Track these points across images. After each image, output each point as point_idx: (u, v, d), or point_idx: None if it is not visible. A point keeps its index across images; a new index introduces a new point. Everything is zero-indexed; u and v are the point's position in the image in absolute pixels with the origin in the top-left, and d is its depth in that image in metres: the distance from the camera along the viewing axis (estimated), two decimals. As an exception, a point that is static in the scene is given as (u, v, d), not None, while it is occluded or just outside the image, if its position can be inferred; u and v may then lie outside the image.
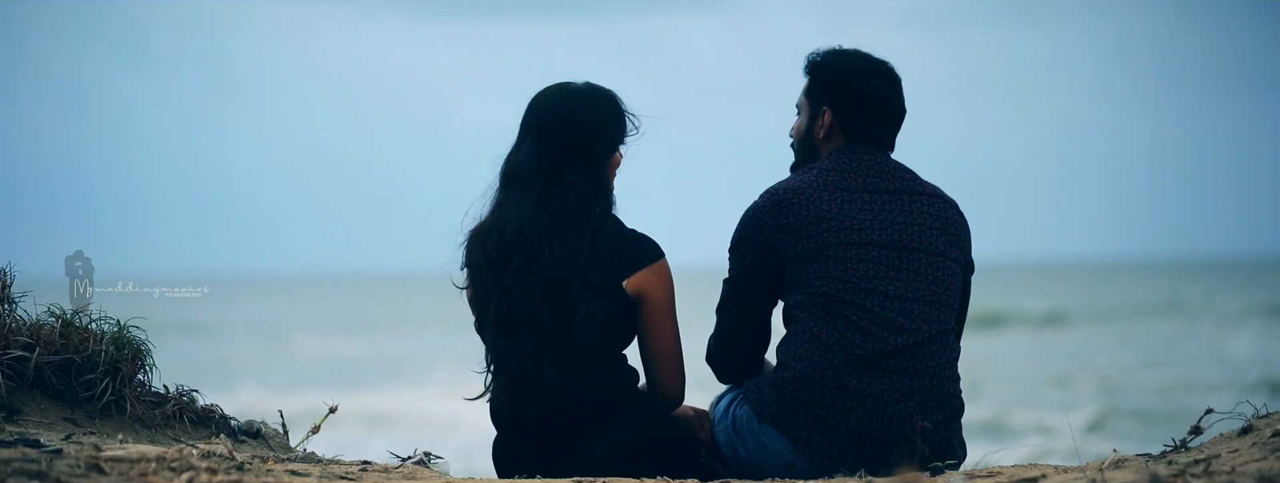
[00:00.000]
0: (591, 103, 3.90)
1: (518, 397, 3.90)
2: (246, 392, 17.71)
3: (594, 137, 3.88)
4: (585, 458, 3.88)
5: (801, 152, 4.08)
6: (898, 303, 3.86)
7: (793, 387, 3.86)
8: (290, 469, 3.62)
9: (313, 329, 32.18)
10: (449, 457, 4.27)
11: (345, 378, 20.13)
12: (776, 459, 3.92)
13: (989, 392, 17.65)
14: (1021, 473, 3.57)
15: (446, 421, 14.67)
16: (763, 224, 3.91)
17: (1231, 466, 3.22)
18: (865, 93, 3.99)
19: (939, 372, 3.89)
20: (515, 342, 3.86)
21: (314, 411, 4.39)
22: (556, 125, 3.88)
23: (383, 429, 14.42)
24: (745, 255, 3.93)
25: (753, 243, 3.92)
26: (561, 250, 3.82)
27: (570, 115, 3.88)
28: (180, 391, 4.18)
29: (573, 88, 3.92)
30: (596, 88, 3.94)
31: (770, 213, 3.91)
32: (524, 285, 3.83)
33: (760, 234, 3.91)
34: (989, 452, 3.86)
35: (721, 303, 3.98)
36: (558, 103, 3.90)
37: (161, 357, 4.21)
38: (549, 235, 3.83)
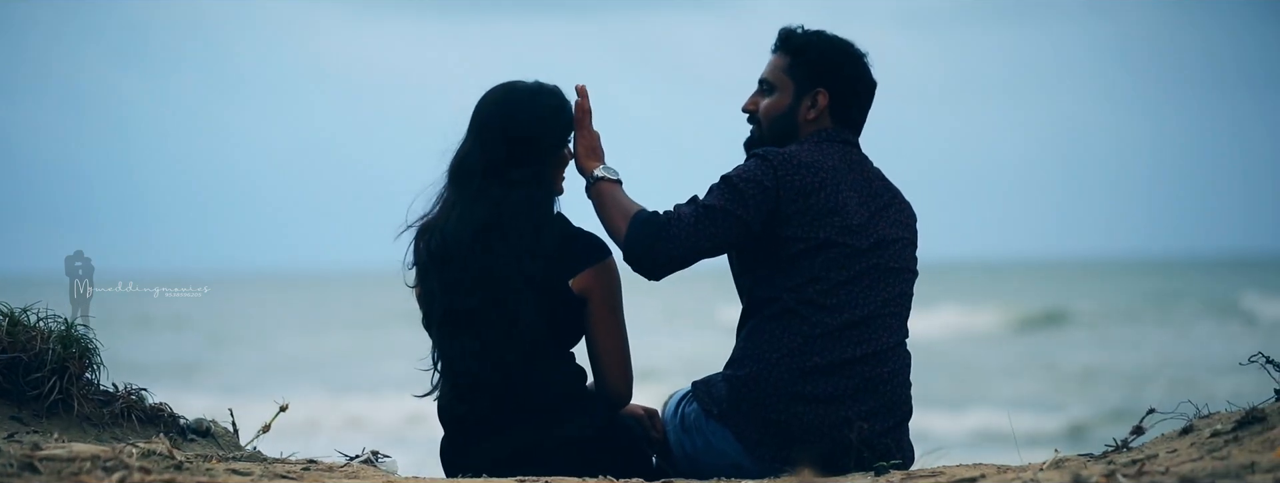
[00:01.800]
0: (534, 101, 3.90)
1: (463, 396, 3.91)
2: (234, 391, 17.71)
3: (536, 135, 3.87)
4: (531, 457, 3.88)
5: (776, 130, 3.96)
6: (868, 320, 3.84)
7: (746, 387, 3.84)
8: (232, 468, 3.61)
9: (312, 328, 32.19)
10: (428, 457, 4.26)
11: (341, 377, 20.15)
12: (723, 459, 3.91)
13: (976, 392, 17.65)
14: (962, 473, 3.57)
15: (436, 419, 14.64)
16: (786, 180, 3.76)
17: (1166, 466, 3.22)
18: (864, 80, 3.98)
19: (892, 378, 3.89)
20: (459, 341, 3.86)
21: (305, 411, 4.37)
22: (499, 123, 3.88)
23: (368, 428, 14.43)
24: (749, 195, 3.75)
25: (763, 193, 3.75)
26: (501, 249, 3.82)
27: (513, 113, 3.88)
28: (128, 389, 4.18)
29: (518, 86, 3.92)
30: (543, 86, 3.93)
31: (797, 177, 3.77)
32: (466, 284, 3.84)
33: (777, 186, 3.76)
34: (927, 452, 3.86)
35: (702, 213, 3.73)
36: (501, 101, 3.90)
37: (158, 356, 4.21)
38: (488, 234, 3.83)
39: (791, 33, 3.98)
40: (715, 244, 3.77)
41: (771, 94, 3.98)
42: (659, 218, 3.76)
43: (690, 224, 3.73)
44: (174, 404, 4.34)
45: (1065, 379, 19.38)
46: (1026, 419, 15.21)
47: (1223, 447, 3.36)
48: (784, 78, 3.97)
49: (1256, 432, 3.37)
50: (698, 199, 3.79)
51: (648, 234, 3.73)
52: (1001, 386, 18.95)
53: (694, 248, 3.75)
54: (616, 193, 3.86)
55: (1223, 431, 3.46)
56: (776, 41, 3.99)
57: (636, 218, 3.77)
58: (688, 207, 3.78)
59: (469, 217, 3.85)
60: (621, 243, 3.78)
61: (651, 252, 3.73)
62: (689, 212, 3.76)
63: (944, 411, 15.65)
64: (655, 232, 3.73)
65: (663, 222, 3.75)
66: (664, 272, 3.77)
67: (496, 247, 3.82)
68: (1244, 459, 3.11)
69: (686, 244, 3.74)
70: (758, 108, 4.00)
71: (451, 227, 3.86)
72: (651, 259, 3.74)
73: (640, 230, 3.74)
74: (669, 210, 3.79)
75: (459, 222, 3.85)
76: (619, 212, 3.82)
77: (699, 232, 3.73)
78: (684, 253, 3.75)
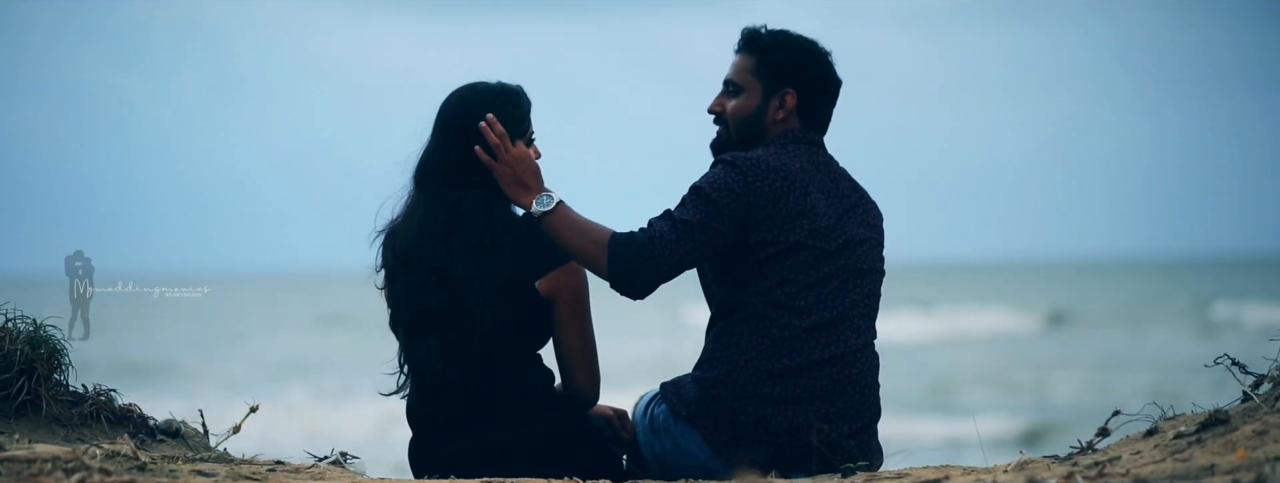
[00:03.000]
0: (493, 102, 3.89)
1: (429, 397, 3.91)
2: (225, 391, 17.70)
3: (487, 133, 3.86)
4: (498, 458, 3.88)
5: (743, 132, 3.94)
6: (836, 322, 3.84)
7: (714, 388, 3.84)
8: (197, 469, 3.61)
9: (310, 328, 32.20)
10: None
11: (336, 377, 20.15)
12: (692, 460, 3.91)
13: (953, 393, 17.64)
14: (927, 475, 3.57)
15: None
16: (756, 186, 3.75)
17: (1126, 468, 3.22)
18: (831, 79, 3.97)
19: (861, 379, 3.88)
20: (424, 342, 3.87)
21: (292, 410, 4.37)
22: (456, 124, 3.88)
23: (359, 428, 14.43)
24: (722, 205, 3.73)
25: (734, 201, 3.74)
26: (461, 251, 3.82)
27: (471, 114, 3.88)
28: (98, 390, 4.18)
29: (478, 87, 3.92)
30: (505, 86, 3.93)
31: (766, 182, 3.76)
32: (429, 286, 3.84)
33: (748, 193, 3.75)
34: (894, 453, 3.86)
35: (681, 229, 3.72)
36: (460, 103, 3.90)
37: (152, 355, 4.20)
38: (449, 236, 3.83)
39: (756, 33, 3.97)
40: (696, 258, 3.76)
41: (738, 95, 3.96)
42: (637, 238, 3.73)
43: (672, 242, 3.72)
44: (165, 404, 4.33)
45: (1048, 381, 19.37)
46: (1021, 420, 15.21)
47: (1186, 449, 3.36)
48: (751, 79, 3.95)
49: (1219, 434, 3.37)
50: (671, 214, 3.77)
51: (630, 257, 3.71)
52: (994, 388, 18.95)
53: (677, 265, 3.74)
54: (569, 219, 3.78)
55: (1186, 432, 3.46)
56: (740, 42, 3.98)
57: (614, 242, 3.73)
58: (664, 223, 3.75)
59: (430, 219, 3.85)
60: (604, 269, 3.73)
61: (637, 274, 3.71)
62: (667, 229, 3.73)
63: (939, 414, 15.65)
64: (637, 253, 3.71)
65: (643, 242, 3.72)
66: (649, 291, 3.78)
67: (456, 249, 3.82)
68: (1205, 461, 3.11)
69: (671, 262, 3.72)
70: (724, 109, 3.99)
71: (414, 229, 3.86)
72: (638, 281, 3.73)
73: (621, 254, 3.71)
74: (645, 228, 3.76)
75: (421, 224, 3.86)
76: (584, 238, 3.76)
77: (681, 248, 3.72)
78: (669, 271, 3.74)
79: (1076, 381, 19.28)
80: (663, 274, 3.73)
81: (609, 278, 3.74)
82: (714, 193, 3.75)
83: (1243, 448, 3.18)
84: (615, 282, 3.74)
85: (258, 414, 4.36)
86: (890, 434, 4.06)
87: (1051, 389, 18.41)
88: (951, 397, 17.86)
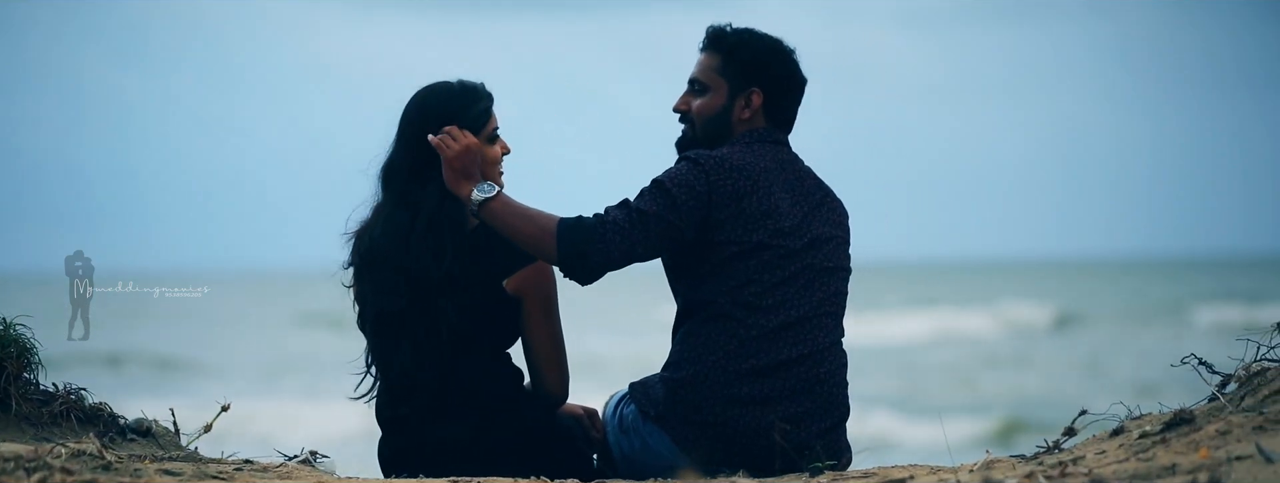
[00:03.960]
0: (449, 100, 3.88)
1: (398, 397, 3.91)
2: (222, 390, 17.68)
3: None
4: (468, 458, 3.87)
5: (709, 130, 3.93)
6: (803, 321, 3.84)
7: (683, 388, 3.84)
8: (164, 468, 3.61)
9: (307, 328, 32.19)
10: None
11: (328, 377, 20.15)
12: (660, 460, 3.90)
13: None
14: (894, 474, 3.57)
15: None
16: (719, 185, 3.75)
17: (1089, 468, 3.22)
18: (796, 78, 3.97)
19: (829, 378, 3.88)
20: (391, 343, 3.87)
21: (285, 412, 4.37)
22: (417, 124, 3.88)
23: (345, 427, 14.42)
24: (681, 201, 3.73)
25: (694, 199, 3.74)
26: (421, 251, 3.82)
27: (427, 113, 3.88)
28: (68, 389, 4.18)
29: (436, 87, 3.92)
30: (465, 84, 3.92)
31: (729, 181, 3.76)
32: (392, 287, 3.84)
33: (709, 191, 3.75)
34: (862, 450, 3.86)
35: (635, 218, 3.71)
36: (418, 103, 3.91)
37: (147, 354, 4.19)
38: (410, 236, 3.83)
39: (721, 32, 3.96)
40: (648, 250, 3.75)
41: (704, 94, 3.96)
42: (587, 222, 3.73)
43: (623, 229, 3.71)
44: (164, 403, 4.32)
45: (1039, 380, 19.37)
46: (1006, 418, 15.21)
47: (1150, 448, 3.35)
48: (716, 78, 3.94)
49: (1184, 433, 3.37)
50: (629, 203, 3.76)
51: (579, 240, 3.70)
52: (982, 387, 18.94)
53: (627, 253, 3.73)
54: (511, 206, 3.77)
55: (1151, 432, 3.45)
56: (705, 41, 3.97)
57: (562, 224, 3.72)
58: (619, 210, 3.75)
59: (394, 219, 3.86)
60: (552, 253, 3.72)
61: (584, 257, 3.70)
62: (622, 217, 3.73)
63: (926, 415, 15.64)
64: (586, 236, 3.70)
65: (592, 226, 3.72)
66: (597, 276, 3.76)
67: (420, 249, 3.82)
68: (1167, 461, 3.11)
69: (622, 249, 3.71)
70: (690, 108, 3.98)
71: (377, 230, 3.87)
72: (585, 265, 3.71)
73: (570, 236, 3.70)
74: (598, 214, 3.76)
75: (385, 224, 3.87)
76: (528, 223, 3.74)
77: (632, 237, 3.71)
78: (619, 257, 3.72)
79: (1065, 379, 19.27)
80: (612, 259, 3.71)
81: (557, 262, 3.73)
82: (674, 188, 3.75)
83: (1205, 448, 3.18)
84: (564, 266, 3.73)
85: (255, 413, 4.35)
86: (883, 433, 4.06)
87: (1041, 388, 18.41)
88: (940, 396, 17.86)
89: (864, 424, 14.23)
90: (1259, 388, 3.54)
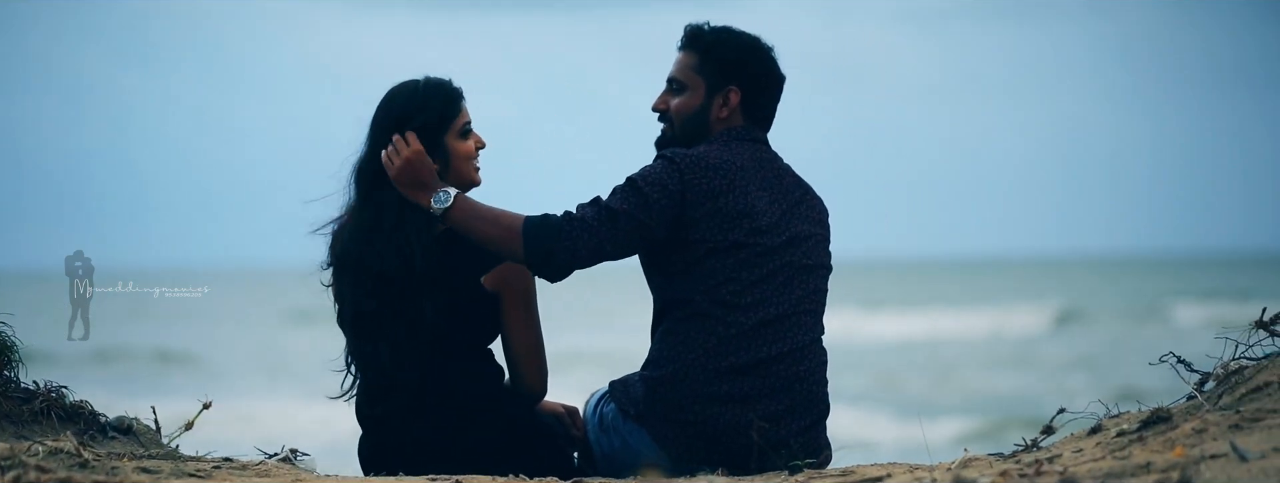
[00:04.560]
0: (413, 97, 3.88)
1: (377, 396, 3.91)
2: (223, 389, 17.69)
3: (416, 130, 3.85)
4: (448, 456, 3.87)
5: (688, 129, 3.93)
6: (782, 319, 3.83)
7: (662, 387, 3.83)
8: (141, 466, 3.61)
9: (308, 325, 32.18)
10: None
11: (319, 376, 20.09)
12: (639, 459, 3.90)
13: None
14: (871, 473, 3.57)
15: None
16: (693, 183, 3.74)
17: (1064, 466, 3.21)
18: (774, 76, 3.96)
19: (809, 376, 3.88)
20: (369, 342, 3.87)
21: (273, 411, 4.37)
22: (385, 124, 3.88)
23: (334, 427, 14.42)
24: (653, 199, 3.72)
25: (668, 198, 3.73)
26: (392, 250, 3.82)
27: (391, 112, 3.88)
28: (49, 387, 4.17)
29: (403, 85, 3.92)
30: (430, 81, 3.92)
31: (704, 179, 3.75)
32: (365, 287, 3.84)
33: (683, 190, 3.74)
34: (841, 448, 3.86)
35: (605, 216, 3.71)
36: (385, 101, 3.91)
37: (139, 353, 4.18)
38: (378, 235, 3.83)
39: (699, 30, 3.96)
40: (617, 248, 3.74)
41: (682, 93, 3.96)
42: (554, 220, 3.72)
43: (592, 227, 3.71)
44: (164, 402, 4.31)
45: (1026, 378, 19.37)
46: (994, 417, 15.20)
47: (1126, 447, 3.36)
48: (694, 76, 3.94)
49: (1161, 432, 3.37)
50: (600, 200, 3.76)
51: (547, 237, 3.70)
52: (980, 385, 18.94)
53: (595, 251, 3.72)
54: (473, 210, 3.77)
55: (1128, 430, 3.45)
56: (683, 39, 3.97)
57: (528, 224, 3.72)
58: (590, 208, 3.74)
59: (363, 219, 3.86)
60: (520, 252, 3.71)
61: (552, 255, 3.70)
62: (591, 214, 3.72)
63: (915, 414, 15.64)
64: (554, 234, 3.70)
65: (560, 223, 3.71)
66: (565, 274, 3.76)
67: (389, 248, 3.82)
68: (1142, 459, 3.11)
69: (590, 246, 3.71)
70: (668, 107, 3.98)
71: (349, 231, 3.87)
72: (553, 262, 3.71)
73: (536, 234, 3.70)
74: (569, 212, 3.75)
75: (355, 225, 3.87)
76: (495, 226, 3.74)
77: (600, 235, 3.71)
78: (587, 255, 3.72)
79: (1060, 378, 19.27)
80: (579, 258, 3.71)
81: (525, 261, 3.72)
82: (646, 186, 3.74)
83: (1181, 446, 3.18)
84: (531, 264, 3.73)
85: (254, 412, 4.35)
86: (872, 431, 4.06)
87: (1036, 387, 18.40)
88: (934, 394, 17.86)
89: (853, 422, 14.25)
90: (1236, 386, 3.54)
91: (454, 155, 3.89)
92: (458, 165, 3.89)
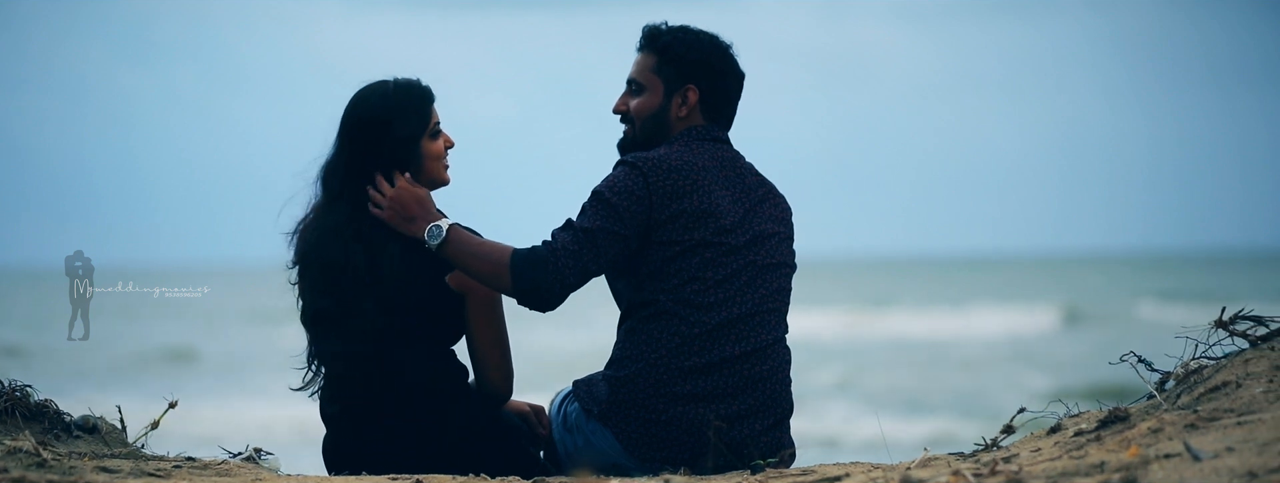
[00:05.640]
0: (384, 99, 3.87)
1: (338, 395, 3.90)
2: (222, 388, 17.70)
3: (385, 132, 3.85)
4: (410, 455, 3.87)
5: (648, 130, 3.93)
6: (746, 318, 3.83)
7: (626, 387, 3.83)
8: (102, 466, 3.61)
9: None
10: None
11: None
12: (603, 458, 3.90)
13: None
14: (831, 472, 3.57)
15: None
16: (657, 186, 3.75)
17: (1020, 466, 3.21)
18: (733, 74, 3.96)
19: (772, 375, 3.88)
20: (330, 341, 3.86)
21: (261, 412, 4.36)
22: (352, 124, 3.87)
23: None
24: (623, 208, 3.73)
25: (636, 204, 3.74)
26: (356, 250, 3.81)
27: (361, 113, 3.87)
28: (13, 386, 4.16)
29: (373, 87, 3.90)
30: (400, 82, 3.91)
31: (667, 181, 3.75)
32: (326, 285, 3.84)
33: (649, 194, 3.75)
34: (803, 446, 3.86)
35: (582, 237, 3.71)
36: (355, 102, 3.89)
37: (135, 351, 4.18)
38: (343, 236, 3.83)
39: (656, 30, 3.96)
40: (601, 265, 3.75)
41: (641, 94, 3.96)
42: (539, 253, 3.71)
43: (573, 251, 3.70)
44: (165, 400, 4.28)
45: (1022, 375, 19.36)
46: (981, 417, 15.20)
47: (1083, 446, 3.35)
48: (652, 77, 3.94)
49: (1118, 431, 3.36)
50: (573, 223, 3.75)
51: (533, 272, 3.69)
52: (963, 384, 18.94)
53: (582, 274, 3.72)
54: (464, 245, 3.75)
55: (1086, 430, 3.45)
56: (641, 40, 3.97)
57: (515, 258, 3.70)
58: (566, 233, 3.73)
59: (328, 219, 3.85)
60: (508, 288, 3.71)
61: (541, 289, 3.69)
62: (569, 239, 3.72)
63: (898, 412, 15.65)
64: (540, 267, 3.69)
65: (545, 256, 3.70)
66: (557, 303, 3.76)
67: (352, 248, 3.82)
68: (1097, 459, 3.10)
69: (576, 271, 3.70)
70: (628, 108, 3.98)
71: (312, 230, 3.87)
72: (543, 296, 3.71)
73: (524, 270, 3.69)
74: (547, 241, 3.74)
75: (319, 224, 3.86)
76: (485, 262, 3.73)
77: (584, 256, 3.71)
78: (574, 281, 3.72)
79: (1057, 376, 19.27)
80: (569, 285, 3.71)
81: (516, 296, 3.72)
82: (614, 197, 3.74)
83: (1136, 445, 3.17)
84: (523, 299, 3.73)
85: (255, 411, 4.35)
86: (855, 429, 4.06)
87: (1032, 385, 18.40)
88: (928, 393, 17.86)
89: (836, 420, 14.26)
90: (1195, 386, 3.53)
91: (425, 156, 3.88)
92: (428, 165, 3.89)
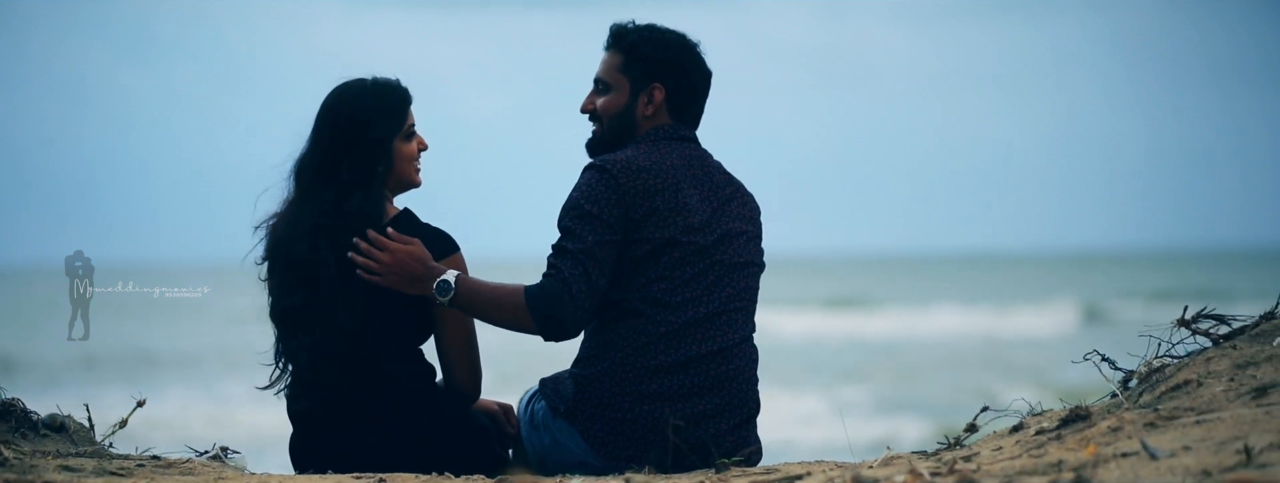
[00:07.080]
0: (362, 97, 3.86)
1: (303, 393, 3.90)
2: (222, 387, 17.70)
3: (362, 130, 3.84)
4: (377, 454, 3.86)
5: (616, 129, 3.93)
6: (713, 317, 3.83)
7: (592, 385, 3.83)
8: (64, 464, 3.61)
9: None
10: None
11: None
12: (570, 456, 3.90)
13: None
14: (793, 470, 3.56)
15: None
16: (628, 187, 3.75)
17: (978, 464, 3.21)
18: (700, 72, 3.96)
19: (739, 374, 3.88)
20: (296, 337, 3.86)
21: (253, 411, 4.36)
22: (328, 121, 3.87)
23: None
24: (604, 215, 3.73)
25: (614, 207, 3.74)
26: (325, 248, 3.81)
27: (339, 110, 3.86)
28: (-22, 386, 4.16)
29: (351, 84, 3.90)
30: (377, 81, 3.90)
31: (638, 182, 3.76)
32: (294, 283, 3.83)
33: (621, 196, 3.75)
34: (770, 443, 3.86)
35: (582, 257, 3.71)
36: (332, 100, 3.89)
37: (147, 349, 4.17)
38: (315, 234, 3.82)
39: (623, 29, 3.96)
40: (606, 277, 3.75)
41: (608, 93, 3.95)
42: (552, 287, 3.71)
43: (581, 276, 3.70)
44: (161, 401, 4.29)
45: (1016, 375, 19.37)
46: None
47: (1044, 445, 3.35)
48: (619, 76, 3.93)
49: (1078, 430, 3.36)
50: (567, 248, 3.73)
51: (554, 308, 3.69)
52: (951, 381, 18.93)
53: (595, 293, 3.73)
54: (475, 295, 3.73)
55: (1048, 428, 3.45)
56: (608, 39, 3.97)
57: (532, 299, 3.70)
58: (564, 261, 3.72)
59: (298, 217, 3.85)
60: (533, 329, 3.72)
61: (566, 322, 3.71)
62: (570, 265, 3.71)
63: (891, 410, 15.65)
64: (555, 301, 3.69)
65: (559, 289, 3.70)
66: (581, 329, 3.78)
67: (321, 246, 3.81)
68: (1056, 458, 3.10)
69: (588, 293, 3.71)
70: (595, 107, 3.98)
71: (282, 227, 3.86)
72: (568, 328, 3.73)
73: (542, 309, 3.69)
74: (552, 273, 3.72)
75: (289, 221, 3.86)
76: (501, 309, 3.73)
77: (591, 277, 3.71)
78: (590, 303, 3.73)
79: (1056, 375, 19.27)
80: (587, 309, 3.73)
81: (541, 334, 3.73)
82: (593, 206, 3.74)
83: (1094, 444, 3.17)
84: (549, 335, 3.74)
85: (253, 411, 4.35)
86: (852, 429, 4.06)
87: (1022, 384, 18.39)
88: (919, 392, 17.86)
89: (813, 419, 14.25)
90: (1157, 384, 3.53)
91: (398, 157, 3.88)
92: (400, 167, 3.88)
